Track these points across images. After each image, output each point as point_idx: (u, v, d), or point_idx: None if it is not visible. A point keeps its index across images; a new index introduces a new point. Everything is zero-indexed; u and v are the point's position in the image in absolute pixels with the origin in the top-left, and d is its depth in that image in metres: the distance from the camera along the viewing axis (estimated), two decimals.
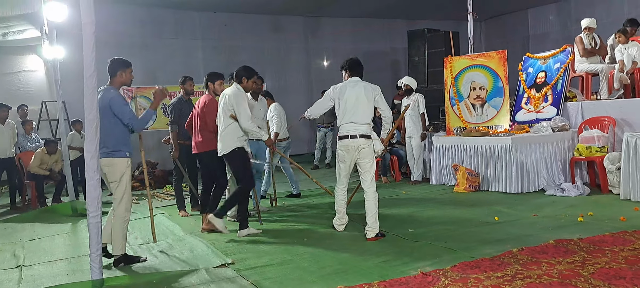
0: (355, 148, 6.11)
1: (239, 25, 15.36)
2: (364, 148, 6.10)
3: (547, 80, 9.27)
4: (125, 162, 5.45)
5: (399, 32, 16.71)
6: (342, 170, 6.30)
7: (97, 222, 4.79)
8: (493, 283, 4.11)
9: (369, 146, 6.13)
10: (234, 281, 4.76)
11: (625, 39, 8.71)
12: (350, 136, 6.11)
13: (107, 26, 11.69)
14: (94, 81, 4.68)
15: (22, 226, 8.17)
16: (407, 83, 9.98)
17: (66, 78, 10.44)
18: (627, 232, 5.37)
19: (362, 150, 6.10)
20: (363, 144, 6.09)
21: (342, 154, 6.22)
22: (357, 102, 6.12)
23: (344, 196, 6.40)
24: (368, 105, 6.16)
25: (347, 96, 6.18)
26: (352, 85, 6.25)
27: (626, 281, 3.93)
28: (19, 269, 5.67)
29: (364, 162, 6.14)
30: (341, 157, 6.24)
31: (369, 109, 6.17)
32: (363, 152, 6.11)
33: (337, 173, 6.37)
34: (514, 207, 7.22)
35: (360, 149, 6.10)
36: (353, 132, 6.11)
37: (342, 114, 6.21)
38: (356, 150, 6.10)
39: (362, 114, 6.12)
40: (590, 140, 8.02)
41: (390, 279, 4.42)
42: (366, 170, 6.15)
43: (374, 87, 6.27)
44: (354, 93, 6.17)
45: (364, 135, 6.10)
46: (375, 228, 5.97)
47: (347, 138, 6.13)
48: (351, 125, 6.13)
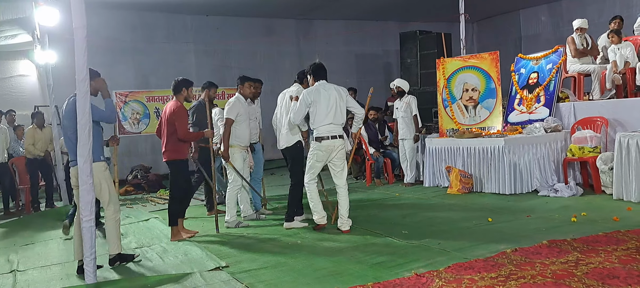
0: (334, 148, 6.41)
1: (231, 29, 15.35)
2: (341, 149, 6.46)
3: (540, 81, 9.30)
4: (102, 165, 5.46)
5: (391, 33, 16.75)
6: (317, 169, 6.56)
7: (91, 226, 4.80)
8: (487, 284, 4.12)
9: (344, 146, 6.52)
10: (228, 284, 4.75)
11: (618, 39, 8.76)
12: (330, 137, 6.39)
13: (98, 31, 11.70)
14: (86, 85, 4.69)
15: (15, 231, 8.14)
16: (398, 85, 9.99)
17: (58, 83, 10.45)
18: (621, 232, 5.39)
19: (340, 150, 6.45)
20: (340, 145, 6.45)
21: (321, 154, 6.44)
22: (334, 104, 6.37)
23: (316, 190, 6.60)
24: (343, 106, 6.46)
25: (322, 99, 6.39)
26: (325, 88, 6.46)
27: (620, 280, 3.94)
28: (12, 274, 5.65)
29: (339, 161, 6.48)
30: (319, 157, 6.46)
31: (344, 109, 6.48)
32: (340, 152, 6.46)
33: (310, 171, 6.55)
34: (508, 208, 7.24)
35: (338, 150, 6.43)
36: (332, 133, 6.40)
37: (320, 117, 6.39)
38: (335, 150, 6.41)
39: (338, 115, 6.42)
40: (583, 140, 8.05)
41: (384, 281, 4.42)
42: (340, 169, 6.50)
43: (343, 88, 6.59)
44: (329, 96, 6.39)
45: (340, 136, 6.47)
46: (348, 221, 6.46)
47: (328, 139, 6.39)
48: (330, 127, 6.39)
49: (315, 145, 6.45)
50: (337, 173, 6.50)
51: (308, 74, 6.72)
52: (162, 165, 9.05)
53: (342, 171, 6.51)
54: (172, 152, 6.61)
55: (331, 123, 6.37)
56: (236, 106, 7.13)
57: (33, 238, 7.53)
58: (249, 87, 7.37)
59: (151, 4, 13.73)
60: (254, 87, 7.66)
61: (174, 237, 6.60)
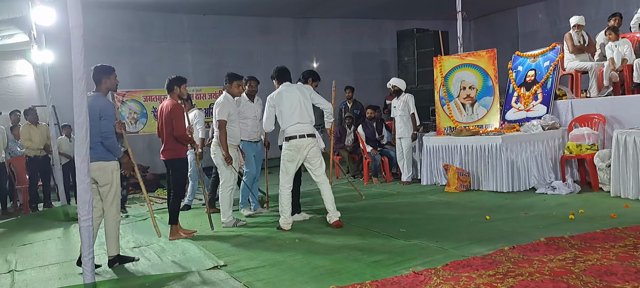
0: (304, 147, 6.51)
1: (228, 28, 15.34)
2: (312, 146, 6.56)
3: (537, 79, 9.31)
4: (115, 164, 5.53)
5: (388, 32, 16.76)
6: (289, 169, 6.62)
7: (89, 226, 4.79)
8: (485, 281, 4.12)
9: (316, 144, 6.62)
10: (226, 283, 4.75)
11: (615, 37, 8.77)
12: (298, 136, 6.51)
13: (94, 30, 11.68)
14: (83, 84, 4.67)
15: (13, 231, 8.13)
16: (395, 84, 9.99)
17: (55, 82, 10.43)
18: (618, 229, 5.40)
19: (311, 149, 6.55)
20: (311, 143, 6.55)
21: (291, 154, 6.56)
22: (298, 104, 6.52)
23: (289, 195, 6.67)
24: (308, 104, 6.59)
25: (286, 100, 6.55)
26: (288, 90, 6.64)
27: (617, 277, 3.95)
28: (10, 274, 5.64)
29: (313, 160, 6.60)
30: (290, 157, 6.57)
31: (310, 107, 6.60)
32: (312, 150, 6.56)
33: (284, 173, 6.63)
34: (505, 206, 7.25)
35: (309, 148, 6.53)
36: (301, 132, 6.51)
37: (287, 118, 6.53)
38: (306, 149, 6.52)
39: (305, 113, 6.55)
40: (581, 138, 8.06)
41: (382, 279, 4.42)
42: (317, 166, 6.61)
43: (306, 86, 6.78)
44: (293, 96, 6.56)
45: (310, 135, 6.56)
46: (336, 213, 6.60)
47: (296, 138, 6.51)
48: (298, 126, 6.51)
49: (285, 146, 6.60)
50: (315, 170, 6.62)
51: (273, 79, 6.91)
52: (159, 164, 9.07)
53: (319, 167, 6.61)
54: (172, 151, 6.60)
55: (298, 122, 6.50)
56: (226, 106, 7.10)
57: (31, 238, 7.52)
58: (237, 86, 7.33)
59: (147, 4, 13.72)
60: (250, 85, 7.74)
61: (172, 236, 6.59)
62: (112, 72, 5.67)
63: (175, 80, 6.71)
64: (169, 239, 6.55)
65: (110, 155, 5.46)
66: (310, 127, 6.58)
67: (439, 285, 4.14)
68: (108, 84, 5.64)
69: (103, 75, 5.58)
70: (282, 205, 6.65)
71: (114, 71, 5.69)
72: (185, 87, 6.77)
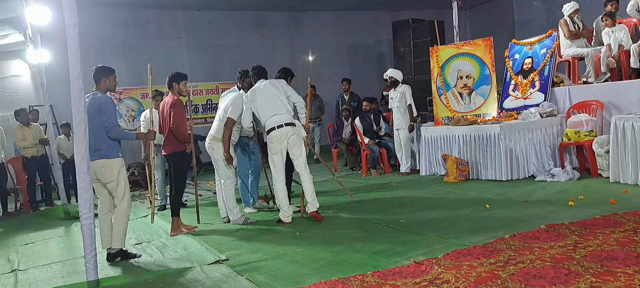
0: (284, 136, 6.54)
1: (223, 23, 15.32)
2: (291, 135, 6.58)
3: (534, 66, 9.31)
4: (120, 161, 5.62)
5: (383, 23, 16.74)
6: (276, 162, 6.63)
7: (90, 224, 4.81)
8: (486, 269, 4.13)
9: (296, 133, 6.63)
10: (228, 277, 4.77)
11: (612, 23, 8.74)
12: (277, 127, 6.55)
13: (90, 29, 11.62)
14: (80, 83, 4.68)
15: (15, 231, 8.14)
16: (391, 75, 9.97)
17: (52, 82, 10.42)
18: (618, 214, 5.42)
19: (290, 137, 6.58)
20: (290, 131, 6.57)
21: (274, 146, 6.59)
22: (270, 97, 6.61)
23: (283, 188, 6.70)
24: (281, 96, 6.65)
25: (259, 96, 6.65)
26: (260, 86, 6.73)
27: (618, 262, 3.97)
28: (14, 274, 5.66)
29: (293, 149, 6.64)
30: (274, 149, 6.60)
31: (284, 99, 6.65)
32: (291, 139, 6.59)
33: (273, 167, 6.67)
34: (505, 194, 7.26)
35: (288, 136, 6.56)
36: (278, 122, 6.55)
37: (264, 112, 6.63)
38: (285, 138, 6.55)
39: (280, 104, 6.60)
40: (579, 124, 8.06)
41: (384, 269, 4.43)
42: (297, 155, 6.66)
43: (279, 81, 6.89)
44: (265, 91, 6.66)
45: (289, 124, 6.59)
46: (315, 204, 6.67)
47: (275, 129, 6.55)
48: (275, 118, 6.58)
49: (268, 139, 6.66)
50: (295, 159, 6.69)
51: (251, 78, 6.98)
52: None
53: (299, 156, 6.66)
54: (172, 145, 6.62)
55: (274, 114, 6.57)
56: (239, 107, 6.86)
57: (33, 237, 7.54)
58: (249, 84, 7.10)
59: (142, 1, 13.69)
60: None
61: (174, 231, 6.61)
62: (112, 72, 5.79)
63: (174, 77, 6.73)
64: (170, 234, 6.57)
65: (114, 152, 5.55)
66: (288, 117, 6.61)
67: (440, 274, 4.16)
68: (107, 84, 5.74)
69: (103, 75, 5.70)
70: (279, 199, 6.70)
71: (113, 72, 5.80)
72: (186, 84, 6.78)
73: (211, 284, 4.62)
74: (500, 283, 3.81)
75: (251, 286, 4.45)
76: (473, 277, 4.00)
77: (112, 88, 5.83)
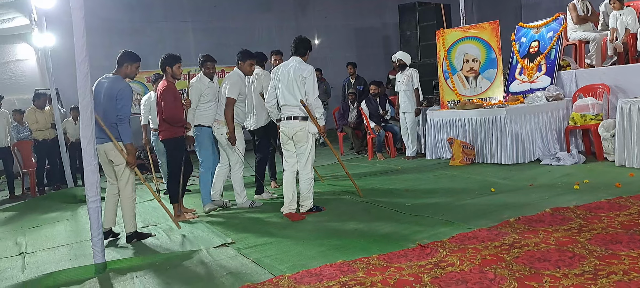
0: (289, 129, 6.17)
1: (228, 6, 15.28)
2: (298, 131, 6.14)
3: (541, 50, 9.26)
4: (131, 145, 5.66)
5: (389, 6, 16.66)
6: (286, 152, 6.39)
7: (97, 207, 4.84)
8: (491, 252, 4.15)
9: (303, 129, 6.13)
10: (235, 259, 4.79)
11: (619, 5, 8.67)
12: (285, 118, 6.20)
13: (95, 12, 11.64)
14: (86, 66, 4.69)
15: (22, 214, 8.20)
16: (400, 58, 9.94)
17: (58, 65, 10.44)
18: (623, 198, 5.42)
19: (297, 133, 6.14)
20: (297, 127, 6.13)
21: (282, 136, 6.32)
22: (286, 83, 6.14)
23: (288, 179, 6.35)
24: (296, 86, 6.09)
25: (278, 78, 6.24)
26: (284, 66, 6.26)
27: (622, 245, 3.97)
28: (21, 256, 5.71)
29: (298, 145, 6.21)
30: (283, 139, 6.32)
31: (298, 89, 6.09)
32: (297, 135, 6.16)
33: (284, 158, 6.52)
34: (510, 177, 7.27)
35: (295, 132, 6.14)
36: (287, 114, 6.18)
37: (280, 97, 6.25)
38: (291, 132, 6.17)
39: (289, 95, 6.12)
40: (585, 108, 8.04)
41: (389, 252, 4.45)
42: (301, 152, 6.21)
43: (304, 67, 6.16)
44: (284, 74, 6.18)
45: (297, 118, 6.12)
46: (307, 205, 6.23)
47: (282, 120, 6.25)
48: (285, 108, 6.21)
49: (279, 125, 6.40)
50: (297, 156, 6.29)
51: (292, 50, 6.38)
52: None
53: (301, 154, 6.21)
54: (166, 131, 6.47)
55: (285, 104, 6.17)
56: (238, 84, 6.75)
57: (40, 220, 7.58)
58: (250, 65, 6.97)
59: None
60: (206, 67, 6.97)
61: (177, 218, 6.48)
62: (137, 60, 5.84)
63: (167, 59, 6.47)
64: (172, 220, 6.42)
65: (125, 138, 5.57)
66: (299, 110, 6.10)
67: (445, 257, 4.17)
68: (128, 70, 5.78)
69: (127, 60, 5.76)
70: (284, 189, 6.37)
71: (138, 60, 5.86)
72: (180, 66, 6.49)
73: (217, 267, 4.65)
74: (505, 266, 3.82)
75: (257, 268, 4.47)
76: (478, 260, 4.02)
77: (132, 76, 5.84)
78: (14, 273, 5.13)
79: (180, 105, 6.49)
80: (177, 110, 6.41)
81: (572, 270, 3.59)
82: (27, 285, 4.72)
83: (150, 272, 4.69)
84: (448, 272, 3.84)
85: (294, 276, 4.13)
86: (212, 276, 4.42)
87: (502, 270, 3.76)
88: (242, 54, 6.95)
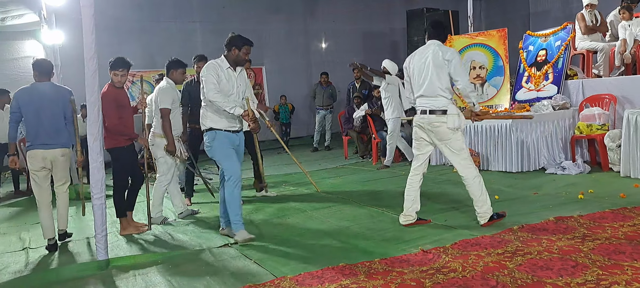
0: (426, 125, 5.33)
1: (238, 7, 15.30)
2: (437, 126, 5.26)
3: (548, 58, 9.25)
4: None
5: (397, 12, 16.69)
6: (415, 148, 5.60)
7: (102, 204, 4.88)
8: (494, 260, 4.14)
9: (443, 124, 5.22)
10: (237, 260, 4.81)
11: (629, 16, 8.65)
12: (420, 111, 5.38)
13: (105, 11, 11.66)
14: (94, 63, 4.73)
15: (26, 210, 8.22)
16: (385, 66, 9.58)
17: (66, 63, 10.47)
18: (627, 209, 5.40)
19: (436, 128, 5.27)
20: (435, 121, 5.26)
21: (414, 130, 5.54)
22: (424, 71, 5.31)
23: (410, 184, 5.60)
24: (437, 73, 5.24)
25: (413, 65, 5.43)
26: (420, 53, 5.44)
27: (626, 256, 3.96)
28: (25, 252, 5.73)
29: (441, 144, 5.32)
30: (415, 134, 5.54)
31: (439, 77, 5.24)
32: (437, 131, 5.27)
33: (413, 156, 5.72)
34: (515, 185, 7.25)
35: (434, 127, 5.28)
36: (423, 106, 5.34)
37: (414, 86, 5.46)
38: (429, 128, 5.33)
39: (429, 84, 5.26)
40: (591, 118, 8.03)
41: (391, 257, 4.46)
42: (450, 152, 5.29)
43: (445, 49, 5.35)
44: (421, 60, 5.36)
45: (435, 111, 5.26)
46: (486, 212, 5.29)
47: (418, 114, 5.42)
48: (420, 99, 5.37)
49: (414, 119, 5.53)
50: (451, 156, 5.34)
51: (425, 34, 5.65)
52: None
53: (454, 154, 5.28)
54: (108, 139, 5.93)
55: (421, 95, 5.33)
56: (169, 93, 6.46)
57: None
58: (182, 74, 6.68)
59: None
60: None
61: (123, 231, 6.12)
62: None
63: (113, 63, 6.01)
64: (120, 234, 6.12)
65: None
66: (439, 102, 5.25)
67: (447, 263, 4.17)
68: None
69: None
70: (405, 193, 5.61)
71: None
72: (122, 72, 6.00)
73: (220, 267, 4.66)
74: (507, 273, 3.82)
75: (259, 269, 4.48)
76: (480, 266, 4.01)
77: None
78: (17, 268, 5.16)
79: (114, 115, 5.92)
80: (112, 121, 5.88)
81: (575, 279, 3.59)
82: (31, 281, 4.74)
83: (152, 270, 4.71)
84: (450, 278, 3.84)
85: (295, 278, 4.14)
86: (214, 276, 4.43)
87: (505, 277, 3.76)
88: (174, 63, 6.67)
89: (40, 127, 5.60)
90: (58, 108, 5.72)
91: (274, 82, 15.46)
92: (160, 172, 6.60)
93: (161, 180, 6.59)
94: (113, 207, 6.07)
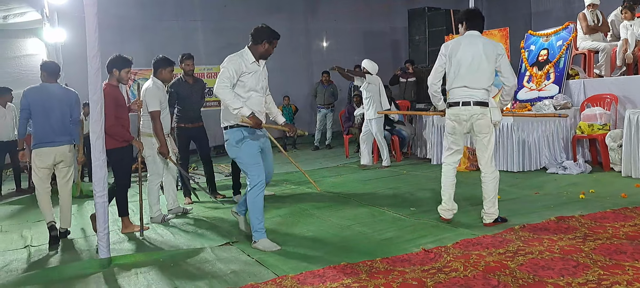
0: (468, 117, 5.23)
1: (239, 6, 15.29)
2: (479, 118, 5.19)
3: (550, 58, 9.26)
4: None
5: (399, 11, 16.66)
6: (451, 143, 5.49)
7: (104, 202, 4.88)
8: (495, 259, 4.15)
9: (485, 116, 5.19)
10: (238, 258, 4.81)
11: (631, 16, 8.65)
12: (462, 103, 5.22)
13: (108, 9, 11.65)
14: (97, 62, 4.73)
15: (28, 207, 8.23)
16: (364, 66, 9.60)
17: (68, 61, 10.47)
18: (628, 209, 5.41)
19: (478, 121, 5.20)
20: (478, 113, 5.18)
21: (451, 125, 5.38)
22: (473, 62, 5.18)
23: (446, 175, 5.54)
24: (487, 66, 5.17)
25: (461, 55, 5.22)
26: (468, 41, 5.26)
27: (627, 256, 3.97)
28: (27, 249, 5.74)
29: (479, 136, 5.27)
30: (450, 128, 5.40)
31: (488, 71, 5.19)
32: (478, 123, 5.20)
33: (445, 147, 5.59)
34: (516, 185, 7.26)
35: (476, 119, 5.20)
36: (466, 98, 5.20)
37: (453, 76, 5.29)
38: (469, 120, 5.24)
39: (479, 77, 5.17)
40: (593, 117, 8.03)
41: (392, 256, 4.46)
42: (483, 146, 5.28)
43: (495, 44, 5.26)
44: (471, 51, 5.19)
45: (479, 103, 5.19)
46: (493, 213, 5.33)
47: (458, 105, 5.25)
48: (463, 90, 5.22)
49: (446, 113, 5.42)
50: (477, 151, 5.39)
51: (460, 22, 5.49)
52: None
53: (483, 148, 5.28)
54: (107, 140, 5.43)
55: (465, 86, 5.20)
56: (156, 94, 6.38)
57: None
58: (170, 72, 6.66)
59: None
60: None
61: (125, 229, 6.13)
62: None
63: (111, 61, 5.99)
64: (122, 232, 6.14)
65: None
66: (482, 94, 5.19)
67: (449, 262, 4.18)
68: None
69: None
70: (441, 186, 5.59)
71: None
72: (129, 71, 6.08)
73: (221, 265, 4.66)
74: (509, 273, 3.83)
75: (261, 268, 4.49)
76: (482, 266, 4.02)
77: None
78: (19, 266, 5.16)
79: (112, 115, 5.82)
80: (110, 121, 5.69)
81: (576, 279, 3.60)
82: (33, 279, 4.75)
83: (154, 268, 4.72)
84: (451, 278, 3.84)
85: (297, 277, 4.15)
86: (215, 274, 4.43)
87: (506, 277, 3.76)
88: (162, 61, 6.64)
89: (48, 126, 5.78)
90: (66, 109, 5.90)
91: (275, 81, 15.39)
92: (150, 171, 6.57)
93: (152, 180, 6.58)
94: (115, 205, 6.08)
